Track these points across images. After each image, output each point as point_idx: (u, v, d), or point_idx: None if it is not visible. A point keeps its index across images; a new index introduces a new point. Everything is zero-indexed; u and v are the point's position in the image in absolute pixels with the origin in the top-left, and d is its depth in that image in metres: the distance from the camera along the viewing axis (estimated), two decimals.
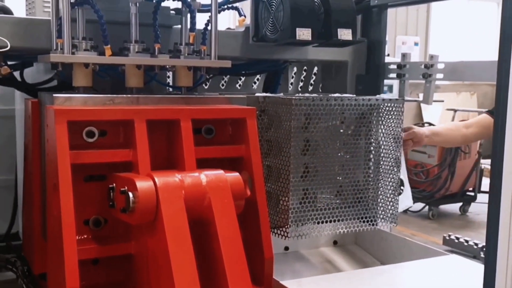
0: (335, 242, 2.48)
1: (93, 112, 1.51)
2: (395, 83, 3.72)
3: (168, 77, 2.30)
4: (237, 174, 1.52)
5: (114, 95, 1.63)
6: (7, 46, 1.64)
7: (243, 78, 2.78)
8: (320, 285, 1.72)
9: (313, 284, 1.73)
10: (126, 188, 1.39)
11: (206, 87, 2.55)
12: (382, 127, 2.06)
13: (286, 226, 1.93)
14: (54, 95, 1.55)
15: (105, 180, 1.56)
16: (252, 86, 2.80)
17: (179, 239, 1.36)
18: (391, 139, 2.05)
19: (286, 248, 2.35)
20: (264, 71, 2.60)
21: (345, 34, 2.03)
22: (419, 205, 5.97)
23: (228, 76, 2.65)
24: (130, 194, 1.37)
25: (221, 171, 1.49)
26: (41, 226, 1.77)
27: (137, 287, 1.55)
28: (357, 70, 2.47)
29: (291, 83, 2.78)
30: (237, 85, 2.83)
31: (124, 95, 1.66)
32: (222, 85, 2.71)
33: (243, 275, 1.42)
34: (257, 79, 2.79)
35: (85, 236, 1.54)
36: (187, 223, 1.37)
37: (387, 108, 2.02)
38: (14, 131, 4.57)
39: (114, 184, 1.47)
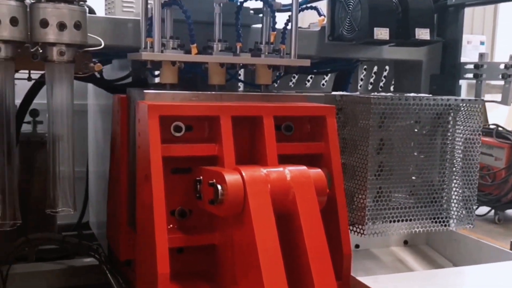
0: (405, 242, 2.48)
1: (182, 107, 1.59)
2: (464, 83, 3.67)
3: (239, 75, 2.37)
4: (319, 170, 1.57)
5: (199, 92, 1.70)
6: (101, 45, 1.74)
7: (312, 77, 2.81)
8: (397, 283, 1.73)
9: (390, 282, 1.75)
10: (214, 181, 1.45)
11: (275, 85, 2.61)
12: (459, 127, 2.04)
13: (362, 224, 1.96)
14: (144, 91, 1.64)
15: (190, 173, 1.63)
16: (321, 84, 2.83)
17: (266, 232, 1.41)
18: (469, 140, 2.03)
19: (357, 246, 2.37)
20: (336, 70, 2.63)
21: (423, 33, 2.03)
22: (484, 209, 5.81)
23: (298, 75, 2.70)
24: (219, 187, 1.43)
25: (304, 167, 1.53)
26: (127, 215, 1.86)
27: (220, 277, 1.62)
28: (431, 70, 2.46)
29: (361, 81, 2.79)
30: (306, 84, 2.86)
31: (208, 92, 1.73)
32: (293, 83, 2.76)
33: (327, 268, 1.46)
34: (325, 81, 2.83)
35: (172, 226, 1.62)
36: (273, 217, 1.42)
37: (466, 109, 2.01)
38: (85, 125, 4.79)
39: (201, 177, 1.54)
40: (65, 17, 1.56)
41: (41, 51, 1.63)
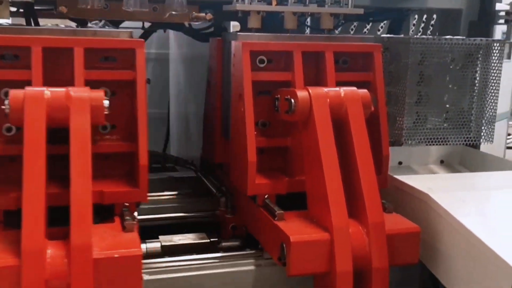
0: (441, 161, 2.98)
1: (266, 45, 2.16)
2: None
3: (306, 21, 2.89)
4: (366, 90, 2.10)
5: (278, 34, 2.26)
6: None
7: (369, 25, 3.30)
8: (427, 180, 2.27)
9: (420, 179, 2.29)
10: (289, 96, 2.03)
11: (337, 31, 3.12)
12: (486, 63, 2.51)
13: (400, 141, 2.49)
14: (238, 33, 2.21)
15: (270, 95, 2.21)
16: (378, 31, 3.31)
17: (325, 133, 1.97)
18: (493, 73, 2.50)
19: (400, 163, 2.90)
20: (389, 18, 3.10)
21: None
22: None
23: (356, 22, 3.19)
24: (292, 100, 2.00)
25: (354, 88, 2.07)
26: (221, 128, 2.49)
27: (291, 170, 2.21)
28: (470, 17, 2.89)
29: (413, 27, 3.25)
30: (364, 31, 3.36)
31: (284, 34, 2.28)
32: (352, 29, 3.27)
33: (369, 162, 2.00)
34: (381, 27, 3.30)
35: (256, 133, 2.20)
36: (330, 122, 1.98)
37: (492, 48, 2.46)
38: (166, 71, 5.45)
39: (279, 95, 2.12)
40: None
41: None
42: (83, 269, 1.62)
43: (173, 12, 2.33)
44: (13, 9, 2.12)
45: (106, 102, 1.82)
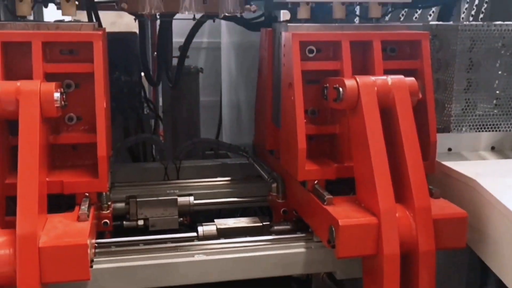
0: (492, 148, 2.96)
1: (315, 35, 2.24)
2: None
3: (355, 10, 2.93)
4: (413, 78, 2.14)
5: (326, 24, 2.32)
6: None
7: (419, 11, 3.31)
8: (473, 166, 2.30)
9: (468, 165, 2.32)
10: (337, 85, 2.10)
11: (386, 19, 3.15)
12: None
13: (449, 128, 2.52)
14: (288, 24, 2.30)
15: (318, 83, 2.29)
16: (427, 18, 3.31)
17: (373, 121, 2.03)
18: None
19: (449, 149, 2.91)
20: (439, 4, 3.10)
21: None
22: None
23: (406, 9, 3.20)
24: (341, 89, 2.07)
25: (401, 76, 2.12)
26: (272, 116, 2.58)
27: (339, 156, 2.29)
28: None
29: (462, 17, 3.24)
30: (414, 17, 3.37)
31: (333, 24, 2.34)
32: (402, 15, 3.28)
33: (415, 148, 2.05)
34: (432, 12, 3.30)
35: (306, 121, 2.28)
36: (378, 110, 2.04)
37: None
38: (218, 60, 5.57)
39: (327, 84, 2.19)
40: None
41: None
42: (28, 258, 1.70)
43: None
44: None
45: (56, 95, 1.90)
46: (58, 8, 2.32)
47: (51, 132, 2.12)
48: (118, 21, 6.36)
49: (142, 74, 3.86)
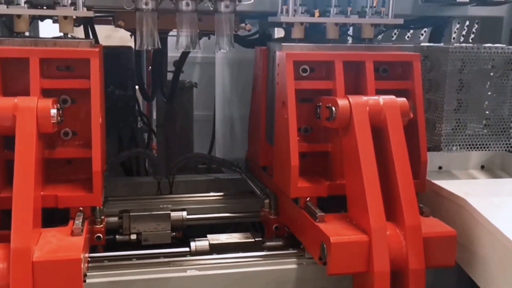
0: (482, 166, 3.01)
1: (308, 55, 2.28)
2: None
3: (348, 30, 2.99)
4: (404, 99, 2.19)
5: (320, 44, 2.37)
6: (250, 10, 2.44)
7: (411, 31, 3.37)
8: (463, 186, 2.34)
9: (458, 184, 2.36)
10: (330, 104, 2.13)
11: (379, 38, 3.20)
12: None
13: (440, 146, 2.56)
14: (282, 44, 2.34)
15: (312, 102, 2.32)
16: (419, 37, 3.38)
17: (364, 140, 2.06)
18: None
19: (440, 168, 2.95)
20: (430, 25, 3.16)
21: None
22: None
23: (398, 30, 3.26)
24: (333, 108, 2.11)
25: (393, 96, 2.16)
26: (265, 133, 2.62)
27: (331, 174, 2.33)
28: (511, 24, 2.93)
29: (454, 37, 3.30)
30: (406, 37, 3.43)
31: (326, 44, 2.39)
32: (394, 34, 3.34)
33: (406, 167, 2.09)
34: (424, 32, 3.36)
35: (299, 138, 2.31)
36: (369, 129, 2.08)
37: None
38: (212, 74, 5.60)
39: (320, 103, 2.23)
40: None
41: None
42: (22, 272, 1.72)
43: None
44: None
45: (53, 111, 1.93)
46: (54, 22, 2.35)
47: (46, 147, 2.14)
48: (113, 35, 6.39)
49: (136, 87, 3.88)
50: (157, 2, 2.23)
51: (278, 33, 3.39)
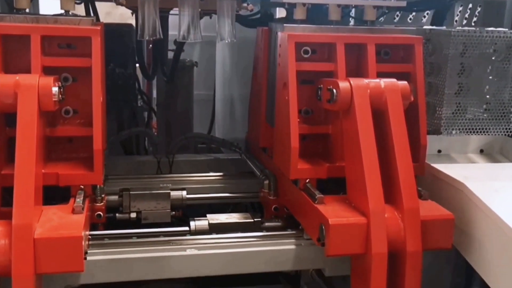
0: (481, 151, 3.02)
1: (310, 36, 2.27)
2: None
3: (351, 12, 2.97)
4: (405, 82, 2.18)
5: (322, 25, 2.36)
6: None
7: (414, 13, 3.35)
8: (462, 169, 2.35)
9: (456, 168, 2.37)
10: (331, 86, 2.13)
11: (381, 21, 3.19)
12: None
13: (439, 130, 2.57)
14: (284, 24, 2.32)
15: (313, 84, 2.32)
16: (421, 20, 3.36)
17: (365, 122, 2.07)
18: None
19: (439, 151, 2.96)
20: (433, 8, 3.15)
21: None
22: None
23: (400, 12, 3.24)
24: (334, 90, 2.11)
25: (394, 80, 2.16)
26: (266, 114, 2.62)
27: (331, 156, 2.34)
28: None
29: (456, 20, 3.29)
30: (408, 19, 3.41)
31: (328, 26, 2.38)
32: (396, 16, 3.32)
33: (406, 149, 2.09)
34: (427, 14, 3.34)
35: (299, 120, 2.32)
36: (370, 112, 2.08)
37: None
38: (213, 54, 5.58)
39: (321, 85, 2.23)
40: None
41: None
42: (24, 248, 1.73)
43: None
44: None
45: (54, 89, 1.92)
46: None
47: (47, 125, 2.14)
48: (113, 11, 6.34)
49: (137, 65, 3.87)
50: None
51: (280, 13, 3.37)
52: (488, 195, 2.10)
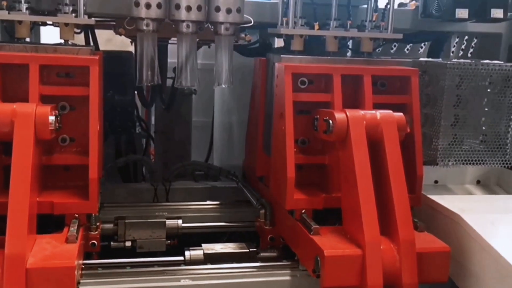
0: (478, 181, 3.02)
1: (307, 67, 2.29)
2: None
3: (348, 42, 3.00)
4: (401, 114, 2.20)
5: (319, 57, 2.38)
6: (250, 22, 2.45)
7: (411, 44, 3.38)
8: (458, 201, 2.35)
9: (453, 200, 2.37)
10: (327, 117, 2.14)
11: (378, 51, 3.21)
12: None
13: (436, 161, 2.57)
14: (281, 56, 2.35)
15: (310, 114, 2.33)
16: (418, 50, 3.39)
17: (361, 153, 2.07)
18: None
19: (436, 182, 2.96)
20: (430, 40, 3.18)
21: (497, 13, 2.55)
22: None
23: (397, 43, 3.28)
24: (331, 121, 2.12)
25: (390, 111, 2.17)
26: (263, 144, 2.62)
27: (328, 186, 2.33)
28: (510, 41, 2.94)
29: (452, 52, 3.32)
30: (405, 49, 3.44)
31: (325, 57, 2.40)
32: (392, 49, 3.35)
33: (401, 181, 2.10)
34: (423, 45, 3.38)
35: (296, 150, 2.32)
36: (366, 143, 2.08)
37: None
38: (211, 81, 5.58)
39: (318, 116, 2.24)
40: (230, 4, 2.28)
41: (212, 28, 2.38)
42: (16, 278, 1.72)
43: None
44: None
45: (51, 118, 1.93)
46: (55, 26, 2.35)
47: (44, 153, 2.14)
48: (114, 38, 6.39)
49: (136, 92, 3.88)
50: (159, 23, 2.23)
51: (278, 42, 3.40)
52: (484, 228, 2.09)
